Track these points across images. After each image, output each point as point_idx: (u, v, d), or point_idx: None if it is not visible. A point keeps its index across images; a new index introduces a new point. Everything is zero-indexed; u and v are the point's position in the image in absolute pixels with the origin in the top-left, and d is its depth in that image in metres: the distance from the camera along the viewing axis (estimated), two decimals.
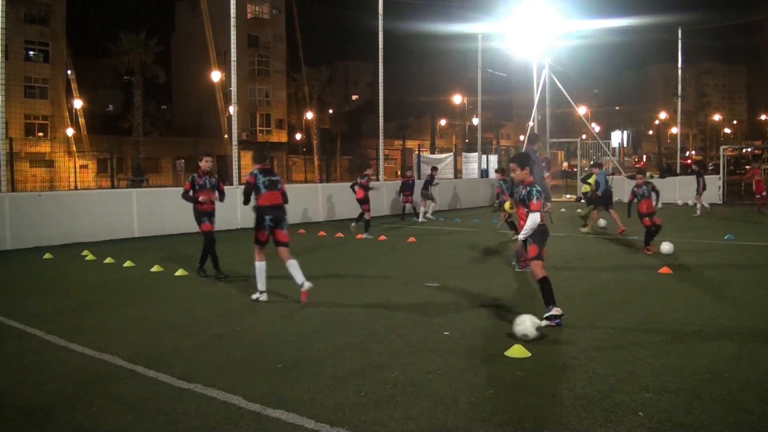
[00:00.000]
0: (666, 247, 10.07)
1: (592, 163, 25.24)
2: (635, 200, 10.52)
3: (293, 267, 6.83)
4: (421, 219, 18.10)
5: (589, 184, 15.52)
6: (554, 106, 37.11)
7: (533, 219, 5.63)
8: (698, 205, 19.17)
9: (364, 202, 13.93)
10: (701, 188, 18.94)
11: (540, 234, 5.69)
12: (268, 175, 7.04)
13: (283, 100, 61.70)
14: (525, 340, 5.12)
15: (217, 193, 8.75)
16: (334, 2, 30.28)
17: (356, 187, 14.16)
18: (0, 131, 12.74)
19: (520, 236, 5.73)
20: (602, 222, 15.12)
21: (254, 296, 7.12)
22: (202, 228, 8.67)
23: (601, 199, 14.25)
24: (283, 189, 7.19)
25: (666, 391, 4.08)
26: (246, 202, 7.11)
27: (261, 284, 7.08)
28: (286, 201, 7.22)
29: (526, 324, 5.19)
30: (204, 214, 8.65)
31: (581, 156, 31.46)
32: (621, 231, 13.21)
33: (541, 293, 5.71)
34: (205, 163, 8.51)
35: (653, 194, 10.35)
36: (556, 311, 5.59)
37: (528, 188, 5.78)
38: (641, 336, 5.44)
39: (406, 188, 18.56)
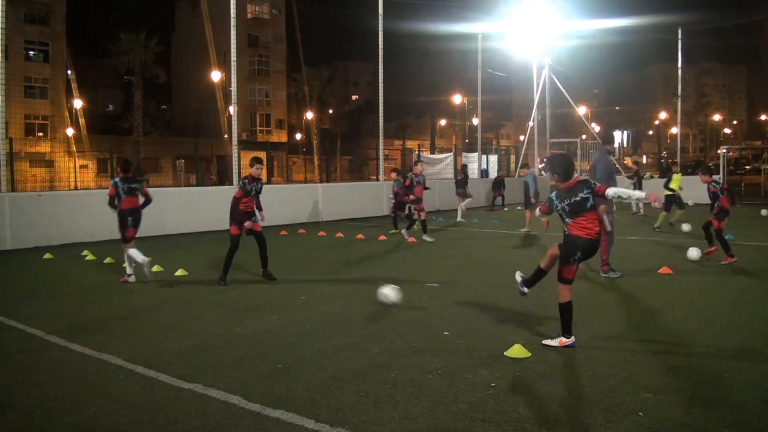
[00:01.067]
0: (693, 252, 9.70)
1: (523, 163, 25.95)
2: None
3: (134, 253, 8.16)
4: (459, 219, 17.71)
5: (671, 189, 15.18)
6: (554, 106, 37.17)
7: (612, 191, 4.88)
8: (640, 206, 19.97)
9: (415, 202, 13.12)
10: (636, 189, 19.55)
11: (565, 248, 5.04)
12: (128, 183, 8.24)
13: (283, 100, 61.69)
14: (387, 301, 6.40)
15: (257, 201, 8.37)
16: (334, 2, 30.32)
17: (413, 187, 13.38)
18: (0, 131, 12.75)
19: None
20: (686, 227, 13.97)
21: (127, 278, 8.27)
22: (231, 230, 8.23)
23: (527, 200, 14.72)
24: (144, 191, 8.44)
25: (666, 391, 4.08)
26: (112, 206, 8.20)
27: (130, 268, 8.31)
28: (149, 201, 8.48)
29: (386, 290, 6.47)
30: (244, 214, 8.18)
31: (581, 156, 31.48)
32: (524, 228, 14.22)
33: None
34: (256, 170, 8.27)
35: (723, 194, 9.55)
36: (567, 340, 5.05)
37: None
38: (641, 336, 5.44)
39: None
